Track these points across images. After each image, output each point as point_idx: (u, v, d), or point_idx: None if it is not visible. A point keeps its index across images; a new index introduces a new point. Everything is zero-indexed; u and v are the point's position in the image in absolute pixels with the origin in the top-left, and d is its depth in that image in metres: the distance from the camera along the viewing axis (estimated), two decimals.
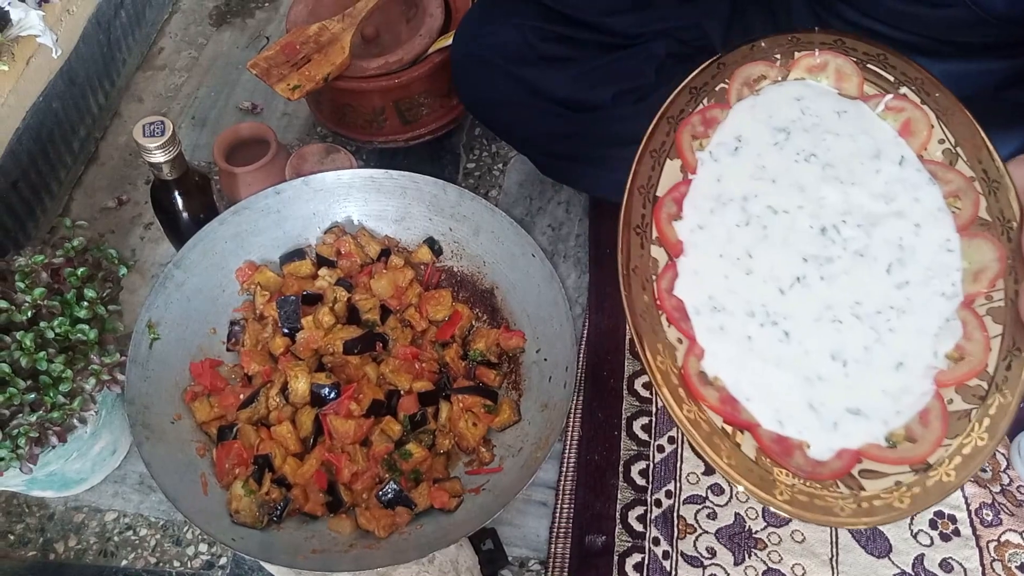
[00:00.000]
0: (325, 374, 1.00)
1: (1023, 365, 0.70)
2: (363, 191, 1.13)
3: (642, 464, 1.07)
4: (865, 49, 0.81)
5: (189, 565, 1.04)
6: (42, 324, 0.90)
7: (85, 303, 0.93)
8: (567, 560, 1.01)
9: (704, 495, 1.04)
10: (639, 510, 1.04)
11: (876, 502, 0.69)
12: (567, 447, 1.09)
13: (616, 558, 1.00)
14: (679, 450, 1.07)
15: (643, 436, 1.09)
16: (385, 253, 1.13)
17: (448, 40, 1.22)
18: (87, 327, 0.92)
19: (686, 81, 0.80)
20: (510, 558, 1.01)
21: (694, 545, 1.01)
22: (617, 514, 1.03)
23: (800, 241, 0.77)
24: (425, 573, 0.83)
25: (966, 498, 1.02)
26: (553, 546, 1.02)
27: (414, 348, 1.04)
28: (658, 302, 0.75)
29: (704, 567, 0.99)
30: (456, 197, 1.11)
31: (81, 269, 0.94)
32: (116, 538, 1.06)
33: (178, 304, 1.05)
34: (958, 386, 0.72)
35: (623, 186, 1.19)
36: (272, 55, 1.18)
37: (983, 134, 0.76)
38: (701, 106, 0.82)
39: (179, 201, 1.10)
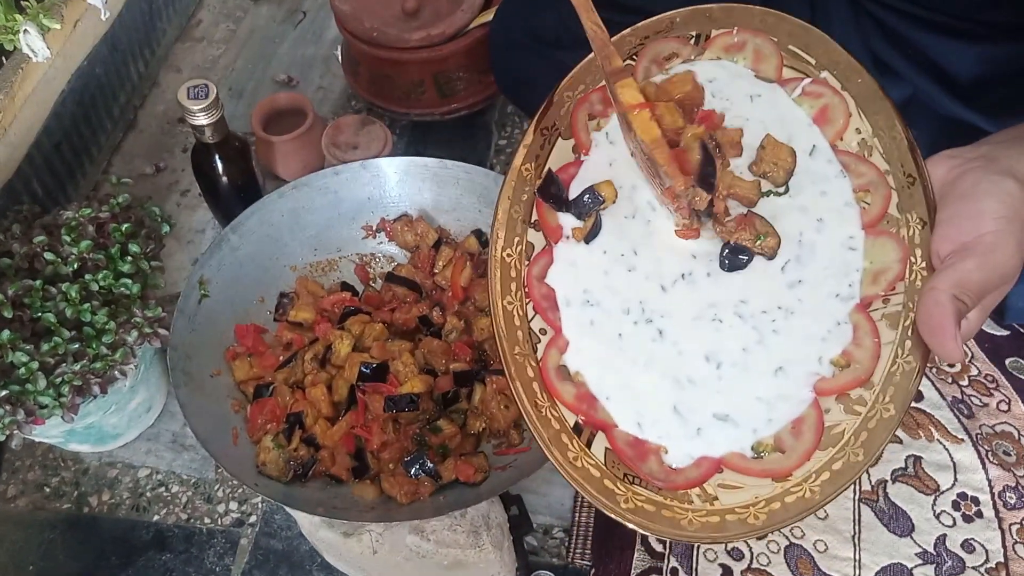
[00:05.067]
0: (368, 354, 1.01)
1: (910, 377, 0.63)
2: (417, 179, 1.14)
3: None
4: (788, 29, 0.74)
5: (219, 522, 1.06)
6: (87, 277, 0.93)
7: (129, 258, 0.95)
8: (591, 529, 1.02)
9: None
10: None
11: (729, 516, 0.63)
12: None
13: None
14: None
15: None
16: (437, 244, 1.13)
17: (489, 16, 1.23)
18: (130, 281, 0.94)
19: (591, 56, 0.74)
20: (535, 525, 1.02)
21: None
22: None
23: None
24: (457, 526, 0.84)
25: (989, 480, 1.03)
26: (577, 515, 1.03)
27: (463, 341, 1.04)
28: (526, 288, 0.70)
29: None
30: None
31: (126, 225, 0.96)
32: (148, 494, 1.08)
33: (230, 267, 1.07)
34: (839, 395, 0.65)
35: None
36: None
37: (904, 126, 0.69)
38: (603, 83, 0.75)
39: (219, 165, 1.12)
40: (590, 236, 0.72)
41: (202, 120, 1.05)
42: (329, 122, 1.27)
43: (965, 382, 1.10)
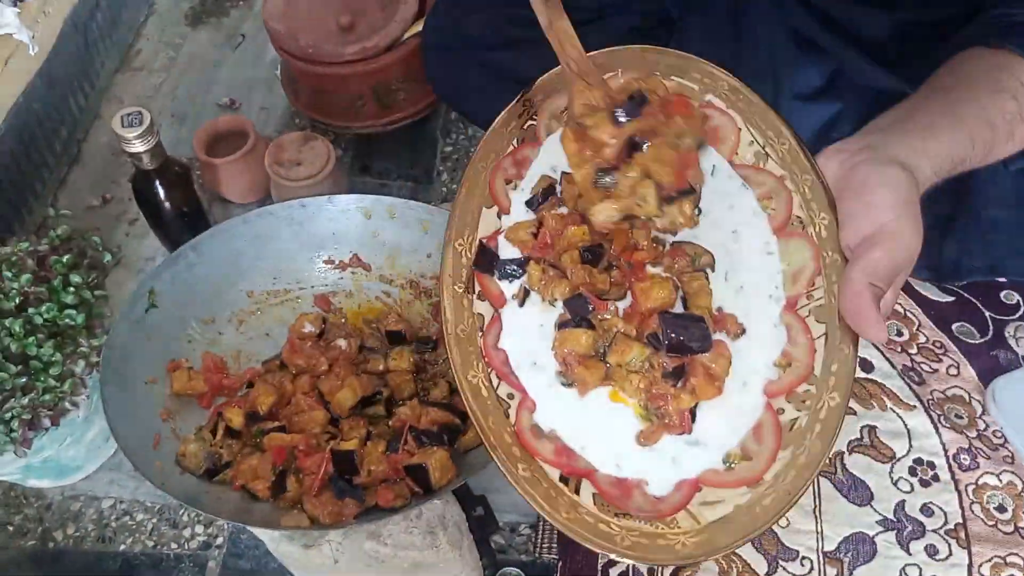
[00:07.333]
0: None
1: (847, 363, 0.67)
2: (382, 218, 1.12)
3: None
4: (668, 61, 0.77)
5: (186, 547, 1.06)
6: (30, 310, 0.92)
7: (71, 289, 0.95)
8: None
9: None
10: None
11: (718, 531, 0.66)
12: None
13: None
14: None
15: None
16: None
17: (421, 26, 1.24)
18: (75, 312, 0.94)
19: (493, 125, 0.77)
20: (500, 523, 1.03)
21: None
22: None
23: None
24: (413, 527, 0.85)
25: (944, 444, 1.04)
26: None
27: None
28: (486, 358, 0.72)
29: None
30: None
31: (66, 256, 0.96)
32: (114, 524, 1.08)
33: (183, 284, 1.05)
34: (788, 394, 0.69)
35: None
36: None
37: (790, 128, 0.73)
38: (511, 148, 0.78)
39: (160, 191, 1.12)
40: (522, 301, 0.74)
41: (139, 147, 1.05)
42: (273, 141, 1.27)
43: (914, 350, 1.12)
